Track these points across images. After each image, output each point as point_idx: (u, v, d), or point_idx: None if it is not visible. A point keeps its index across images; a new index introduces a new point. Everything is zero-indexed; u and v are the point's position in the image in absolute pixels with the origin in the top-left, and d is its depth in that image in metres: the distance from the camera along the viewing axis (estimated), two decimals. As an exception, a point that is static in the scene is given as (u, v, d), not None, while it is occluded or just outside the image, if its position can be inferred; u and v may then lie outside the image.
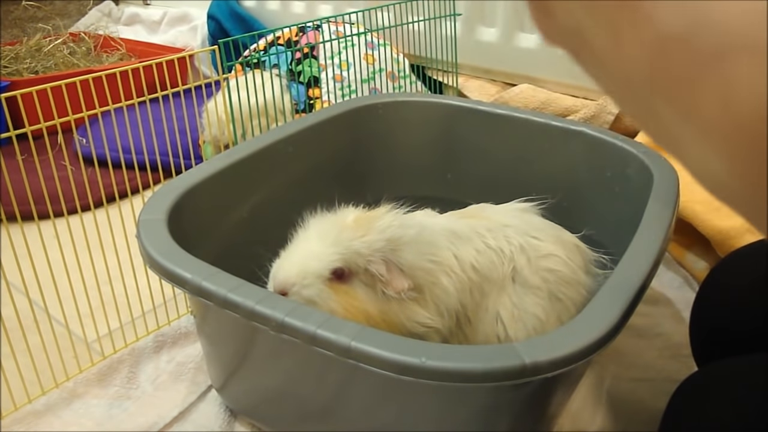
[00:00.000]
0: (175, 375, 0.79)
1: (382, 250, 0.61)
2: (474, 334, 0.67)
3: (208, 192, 0.77)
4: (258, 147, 0.84)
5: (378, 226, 0.63)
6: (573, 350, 0.48)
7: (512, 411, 0.55)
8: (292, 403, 0.64)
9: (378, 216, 0.65)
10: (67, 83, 0.69)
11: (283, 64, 1.25)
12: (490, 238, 0.68)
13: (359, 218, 0.65)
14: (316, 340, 0.50)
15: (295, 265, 0.62)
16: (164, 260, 0.60)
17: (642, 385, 0.77)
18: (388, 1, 1.28)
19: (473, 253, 0.66)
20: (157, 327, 0.87)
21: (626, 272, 0.57)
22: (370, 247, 0.61)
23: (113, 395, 0.77)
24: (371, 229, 0.62)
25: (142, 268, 0.73)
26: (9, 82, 1.46)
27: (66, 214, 0.73)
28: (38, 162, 0.71)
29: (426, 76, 1.42)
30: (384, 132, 1.02)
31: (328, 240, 0.62)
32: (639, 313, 0.82)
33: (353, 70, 1.25)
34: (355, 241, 0.61)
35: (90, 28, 2.02)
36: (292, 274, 0.61)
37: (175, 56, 0.79)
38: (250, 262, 0.70)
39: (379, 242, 0.61)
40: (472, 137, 1.00)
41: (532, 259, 0.68)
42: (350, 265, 0.61)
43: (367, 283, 0.61)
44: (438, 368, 0.46)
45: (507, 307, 0.66)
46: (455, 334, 0.66)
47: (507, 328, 0.66)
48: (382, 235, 0.62)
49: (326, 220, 0.66)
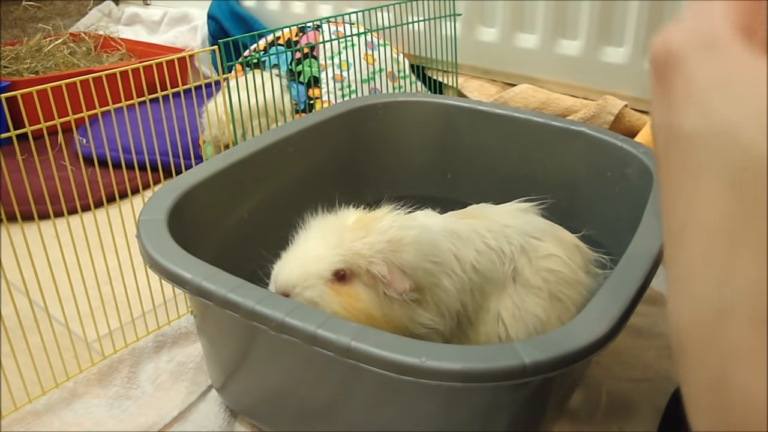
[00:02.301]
0: (176, 375, 0.79)
1: (383, 251, 0.61)
2: (475, 335, 0.67)
3: (208, 192, 0.77)
4: (258, 147, 0.84)
5: (379, 227, 0.63)
6: (573, 350, 0.48)
7: (512, 411, 0.55)
8: (292, 403, 0.64)
9: (379, 217, 0.65)
10: (67, 83, 0.69)
11: (283, 64, 1.25)
12: (491, 239, 0.68)
13: (360, 219, 0.65)
14: (317, 340, 0.50)
15: (296, 266, 0.62)
16: (164, 260, 0.60)
17: (642, 385, 0.77)
18: (388, 1, 1.28)
19: (474, 254, 0.66)
20: (157, 327, 0.87)
21: (626, 272, 0.57)
22: (371, 248, 0.61)
23: (113, 395, 0.77)
24: (372, 230, 0.63)
25: (142, 268, 0.73)
26: (9, 82, 1.46)
27: (66, 214, 0.73)
28: (38, 162, 0.71)
29: (426, 76, 1.42)
30: (384, 132, 1.02)
31: (329, 241, 0.62)
32: (639, 313, 0.82)
33: (353, 70, 1.25)
34: (356, 242, 0.61)
35: (90, 28, 2.02)
36: (293, 275, 0.61)
37: (176, 56, 0.79)
38: (250, 262, 0.70)
39: (380, 243, 0.61)
40: (472, 137, 1.00)
41: (533, 259, 0.68)
42: (352, 267, 0.61)
43: (369, 285, 0.61)
44: (438, 368, 0.46)
45: (508, 308, 0.66)
46: (456, 335, 0.66)
47: (508, 328, 0.66)
48: (383, 236, 0.62)
49: (327, 221, 0.66)
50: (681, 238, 0.25)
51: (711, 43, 0.24)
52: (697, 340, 0.24)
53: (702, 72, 0.24)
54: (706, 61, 0.24)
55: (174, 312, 0.89)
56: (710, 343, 0.24)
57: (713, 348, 0.23)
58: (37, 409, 0.74)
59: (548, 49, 1.26)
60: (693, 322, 0.24)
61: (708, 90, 0.24)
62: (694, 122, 0.24)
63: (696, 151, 0.24)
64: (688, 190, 0.25)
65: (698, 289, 0.24)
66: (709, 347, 0.24)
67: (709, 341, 0.24)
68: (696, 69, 0.24)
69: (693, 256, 0.25)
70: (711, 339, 0.23)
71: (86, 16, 2.16)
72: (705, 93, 0.24)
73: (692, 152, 0.24)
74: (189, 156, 0.91)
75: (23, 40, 1.78)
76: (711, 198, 0.23)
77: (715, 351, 0.23)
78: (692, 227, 0.25)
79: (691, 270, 0.25)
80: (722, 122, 0.23)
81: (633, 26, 1.13)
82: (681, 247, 0.26)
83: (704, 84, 0.24)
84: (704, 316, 0.24)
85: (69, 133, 1.32)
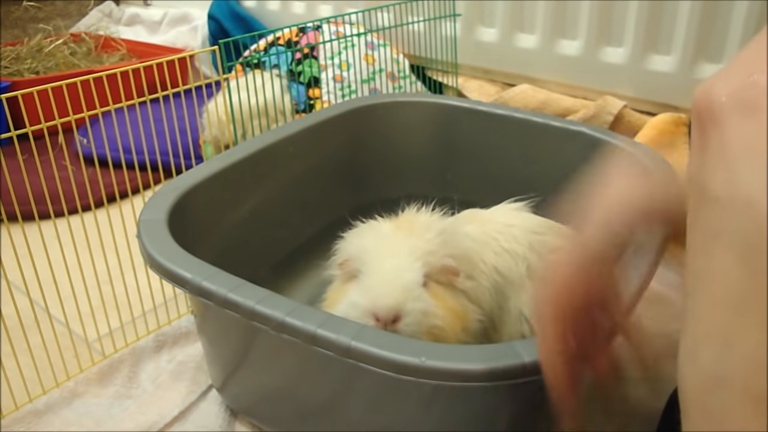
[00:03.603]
0: (176, 374, 0.79)
1: (445, 243, 0.61)
2: (499, 338, 0.67)
3: (208, 192, 0.77)
4: (258, 147, 0.84)
5: (422, 226, 0.63)
6: (572, 350, 0.48)
7: (512, 411, 0.55)
8: (292, 403, 0.64)
9: (412, 219, 0.65)
10: (67, 83, 0.69)
11: (283, 65, 1.25)
12: (503, 241, 0.68)
13: (399, 225, 0.64)
14: (317, 339, 0.50)
15: (392, 285, 0.58)
16: (165, 260, 0.60)
17: (642, 385, 0.77)
18: (388, 2, 1.28)
19: (493, 256, 0.66)
20: (157, 326, 0.87)
21: (626, 272, 0.57)
22: (436, 245, 0.60)
23: (114, 394, 0.77)
24: (425, 230, 0.62)
25: (142, 268, 0.74)
26: (10, 83, 1.46)
27: (67, 214, 0.73)
28: (39, 162, 0.71)
29: (426, 76, 1.43)
30: (384, 132, 1.02)
31: (398, 251, 0.60)
32: (639, 313, 0.82)
33: (353, 70, 1.25)
34: (421, 244, 0.60)
35: (91, 28, 2.02)
36: (397, 293, 0.57)
37: (176, 56, 0.79)
38: (250, 262, 0.70)
39: (436, 239, 0.61)
40: (472, 137, 1.00)
41: (542, 255, 0.68)
42: (428, 269, 0.60)
43: (442, 282, 0.61)
44: (438, 368, 0.46)
45: (529, 306, 0.66)
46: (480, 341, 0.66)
47: (533, 325, 0.66)
48: (440, 236, 0.62)
49: (373, 237, 0.63)
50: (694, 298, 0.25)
51: (752, 106, 0.24)
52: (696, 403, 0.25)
53: (737, 135, 0.24)
54: (743, 124, 0.24)
55: (174, 312, 0.89)
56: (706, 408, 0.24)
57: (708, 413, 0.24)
58: (37, 408, 0.75)
59: (548, 49, 1.26)
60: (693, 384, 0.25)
61: (738, 156, 0.23)
62: (720, 186, 0.24)
63: (718, 216, 0.24)
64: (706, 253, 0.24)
65: (701, 353, 0.24)
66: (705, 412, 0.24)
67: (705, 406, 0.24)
68: (732, 131, 0.24)
69: (701, 319, 0.25)
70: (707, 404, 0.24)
71: (87, 17, 2.16)
72: (735, 158, 0.23)
73: (715, 216, 0.24)
74: (189, 156, 0.91)
75: (24, 41, 1.78)
76: (723, 266, 0.23)
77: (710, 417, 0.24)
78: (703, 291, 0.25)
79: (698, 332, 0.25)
80: (745, 191, 0.23)
81: (633, 26, 1.13)
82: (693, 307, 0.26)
83: (736, 148, 0.23)
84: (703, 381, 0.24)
85: (69, 133, 1.32)
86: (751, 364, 0.22)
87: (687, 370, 0.25)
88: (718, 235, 0.24)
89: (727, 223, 0.23)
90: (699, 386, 0.24)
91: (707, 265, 0.24)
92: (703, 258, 0.25)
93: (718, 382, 0.23)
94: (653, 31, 1.12)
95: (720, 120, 0.24)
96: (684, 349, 0.26)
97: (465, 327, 0.60)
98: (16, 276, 0.71)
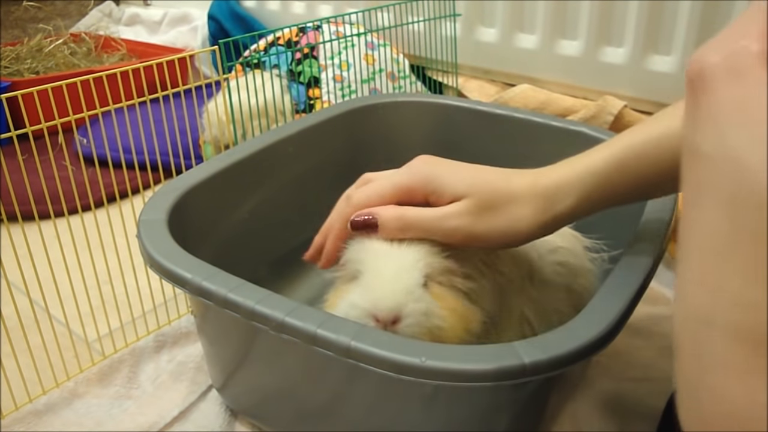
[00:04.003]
0: (176, 375, 0.79)
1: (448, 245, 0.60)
2: (500, 339, 0.66)
3: (208, 192, 0.77)
4: (258, 147, 0.84)
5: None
6: (573, 350, 0.48)
7: (512, 411, 0.55)
8: (292, 403, 0.64)
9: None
10: (67, 83, 0.69)
11: (283, 65, 1.25)
12: None
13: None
14: (317, 339, 0.50)
15: (393, 286, 0.56)
16: (164, 260, 0.60)
17: (642, 385, 0.77)
18: (388, 2, 1.28)
19: (493, 256, 0.66)
20: (157, 327, 0.87)
21: (626, 272, 0.57)
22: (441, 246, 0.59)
23: (114, 395, 0.77)
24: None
25: (142, 268, 0.74)
26: (10, 83, 1.46)
27: (66, 214, 0.73)
28: (39, 162, 0.71)
29: (426, 76, 1.43)
30: (384, 132, 1.02)
31: (400, 252, 0.58)
32: (639, 313, 0.82)
33: (353, 70, 1.25)
34: (425, 244, 0.59)
35: (91, 28, 2.02)
36: (398, 294, 0.56)
37: (176, 56, 0.79)
38: (249, 263, 0.70)
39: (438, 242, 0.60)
40: (472, 137, 1.00)
41: (542, 254, 0.68)
42: (429, 270, 0.59)
43: (443, 282, 0.60)
44: (438, 368, 0.46)
45: (531, 307, 0.66)
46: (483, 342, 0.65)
47: (535, 327, 0.65)
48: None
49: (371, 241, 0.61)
50: (685, 247, 0.28)
51: (740, 68, 0.25)
52: (685, 342, 0.27)
53: (726, 96, 0.25)
54: (731, 85, 0.25)
55: (174, 312, 0.89)
56: (693, 347, 0.26)
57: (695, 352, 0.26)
58: (37, 408, 0.75)
59: (548, 50, 1.26)
60: (684, 325, 0.27)
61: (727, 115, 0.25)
62: (710, 145, 0.26)
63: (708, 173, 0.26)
64: (697, 205, 0.27)
65: (691, 297, 0.27)
66: (693, 350, 0.26)
67: (693, 345, 0.26)
68: (721, 93, 0.26)
69: (691, 266, 0.27)
70: (695, 343, 0.26)
71: (87, 17, 2.16)
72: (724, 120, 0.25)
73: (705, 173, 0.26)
74: (189, 156, 0.91)
75: (24, 41, 1.78)
76: (709, 216, 0.26)
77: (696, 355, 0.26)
78: (693, 239, 0.27)
79: (688, 278, 0.27)
80: (732, 148, 0.24)
81: (633, 26, 1.13)
82: (684, 255, 0.28)
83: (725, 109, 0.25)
84: (693, 322, 0.26)
85: (69, 133, 1.32)
86: (737, 304, 0.24)
87: (678, 313, 0.28)
88: (708, 190, 0.26)
89: (716, 179, 0.25)
90: (688, 329, 0.27)
91: (697, 215, 0.27)
92: (694, 209, 0.27)
93: (705, 323, 0.26)
94: (653, 31, 1.12)
95: (711, 84, 0.26)
96: (677, 294, 0.28)
97: (468, 328, 0.59)
98: (16, 276, 0.71)
